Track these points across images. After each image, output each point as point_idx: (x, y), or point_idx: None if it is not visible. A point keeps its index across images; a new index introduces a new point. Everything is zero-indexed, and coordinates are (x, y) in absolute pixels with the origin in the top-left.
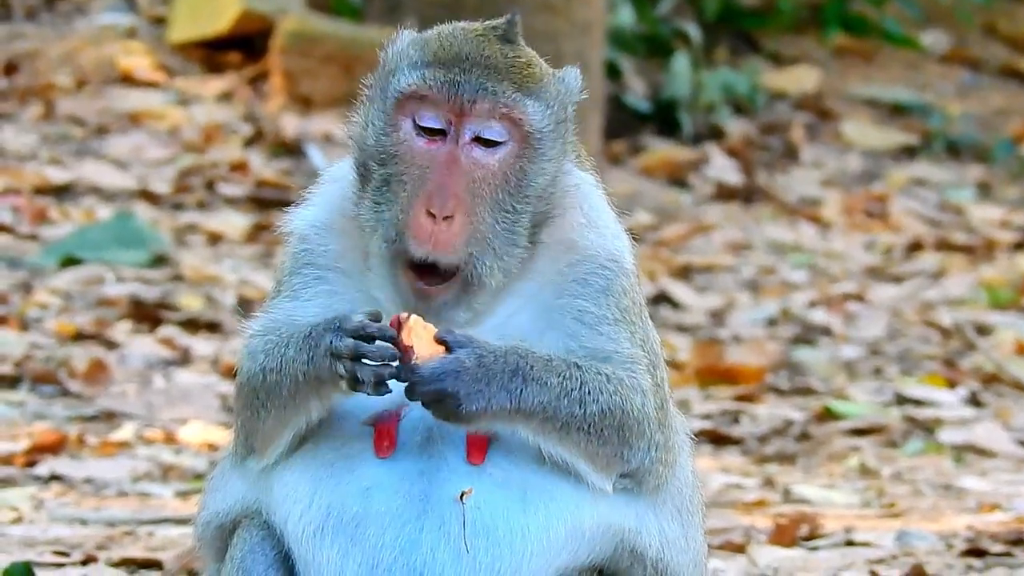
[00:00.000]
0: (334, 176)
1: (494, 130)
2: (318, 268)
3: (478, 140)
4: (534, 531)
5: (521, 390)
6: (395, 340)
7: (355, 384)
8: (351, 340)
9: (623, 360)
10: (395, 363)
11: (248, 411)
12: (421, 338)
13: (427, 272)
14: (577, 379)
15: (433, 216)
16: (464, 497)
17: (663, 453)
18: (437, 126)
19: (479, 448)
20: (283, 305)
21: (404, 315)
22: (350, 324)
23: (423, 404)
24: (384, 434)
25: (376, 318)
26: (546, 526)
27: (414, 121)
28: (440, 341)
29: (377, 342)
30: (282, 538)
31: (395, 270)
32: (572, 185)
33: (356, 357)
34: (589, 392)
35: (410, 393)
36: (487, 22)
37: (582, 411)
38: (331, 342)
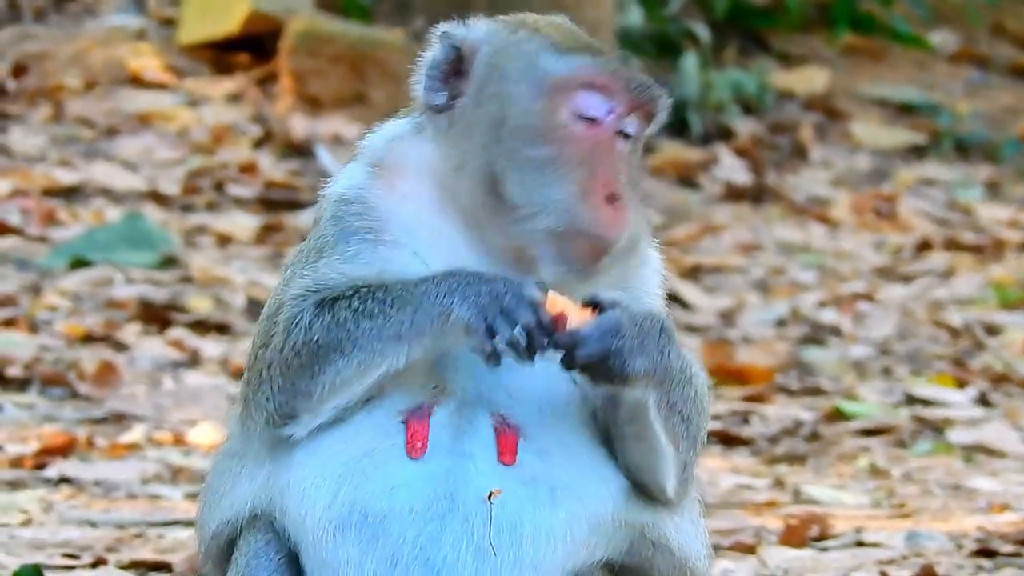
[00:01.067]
0: (383, 138)
1: (634, 123)
2: (368, 231)
3: (619, 133)
4: (559, 528)
5: (668, 351)
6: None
7: (497, 350)
8: (531, 314)
9: (691, 359)
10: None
11: (312, 367)
12: (564, 306)
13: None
14: (686, 359)
15: (613, 201)
16: (492, 497)
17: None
18: (600, 114)
19: (510, 447)
20: (336, 266)
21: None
22: (532, 298)
23: (582, 370)
24: (417, 434)
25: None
26: (570, 523)
27: (575, 106)
28: (590, 304)
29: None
30: (290, 539)
31: (554, 242)
32: None
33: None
34: (694, 373)
35: (568, 361)
36: (555, 19)
37: (691, 391)
38: (509, 303)
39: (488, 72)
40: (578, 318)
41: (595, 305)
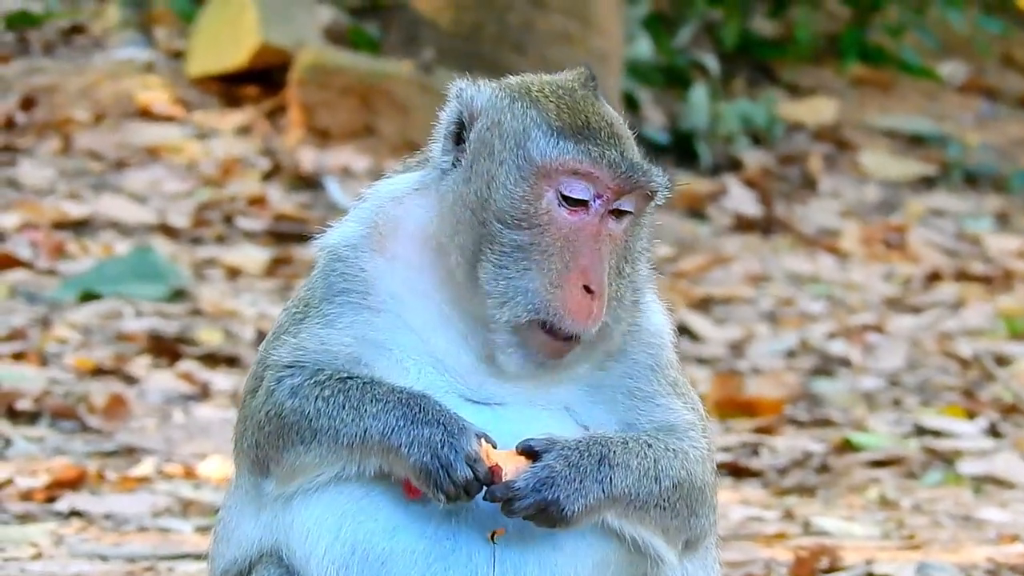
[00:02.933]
0: (384, 193)
1: (629, 202)
2: (353, 292)
3: (613, 211)
4: (563, 568)
5: (611, 478)
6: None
7: (439, 490)
8: (468, 469)
9: (684, 430)
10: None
11: (278, 441)
12: (498, 455)
13: (558, 335)
14: (651, 457)
15: (589, 291)
16: (495, 537)
17: (716, 515)
18: (586, 198)
19: None
20: (314, 332)
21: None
22: (470, 453)
23: (524, 518)
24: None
25: (480, 436)
26: (574, 563)
27: (559, 192)
28: (524, 452)
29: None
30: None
31: (518, 333)
32: None
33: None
34: (662, 468)
35: (507, 510)
36: (571, 77)
37: (658, 488)
38: (447, 456)
39: (480, 147)
40: (512, 467)
41: (529, 453)
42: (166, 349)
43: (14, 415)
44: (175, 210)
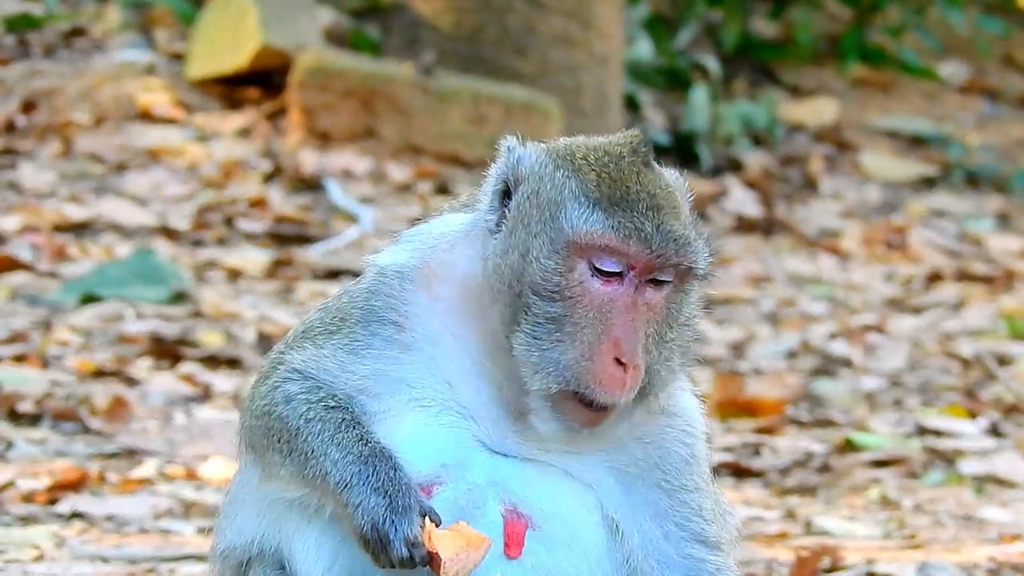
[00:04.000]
0: (436, 232)
1: (668, 273)
2: (388, 323)
3: (650, 281)
4: None
5: None
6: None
7: (376, 560)
8: (405, 550)
9: (714, 545)
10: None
11: (264, 441)
12: (441, 537)
13: (591, 405)
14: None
15: (622, 364)
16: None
17: None
18: (618, 270)
19: (517, 539)
20: (338, 354)
21: (423, 522)
22: (408, 537)
23: None
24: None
25: (424, 513)
26: None
27: (591, 264)
28: None
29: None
30: None
31: (551, 400)
32: None
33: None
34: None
35: None
36: (621, 143)
37: None
38: (385, 533)
39: (519, 216)
40: (454, 552)
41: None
42: (167, 351)
43: (15, 417)
44: (176, 212)
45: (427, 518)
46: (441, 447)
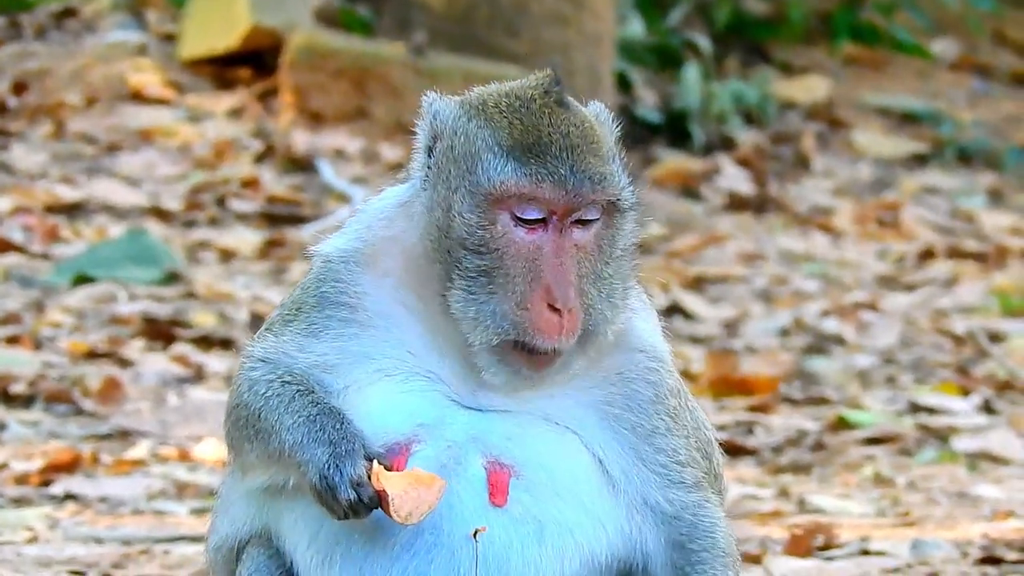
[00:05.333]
0: (375, 209)
1: (593, 210)
2: (342, 306)
3: (576, 222)
4: (548, 564)
5: None
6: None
7: (329, 509)
8: (352, 492)
9: (692, 485)
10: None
11: (237, 433)
12: (391, 478)
13: (537, 353)
14: None
15: (557, 310)
16: (477, 535)
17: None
18: (541, 217)
19: (502, 489)
20: (297, 339)
21: (371, 464)
22: (353, 477)
23: None
24: (394, 469)
25: (372, 458)
26: (561, 559)
27: (513, 214)
28: None
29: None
30: (289, 561)
31: (496, 353)
32: None
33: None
34: None
35: None
36: (533, 86)
37: None
38: (332, 478)
39: (438, 173)
40: (402, 491)
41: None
42: (160, 332)
43: (8, 399)
44: (168, 193)
45: (375, 461)
46: (416, 409)
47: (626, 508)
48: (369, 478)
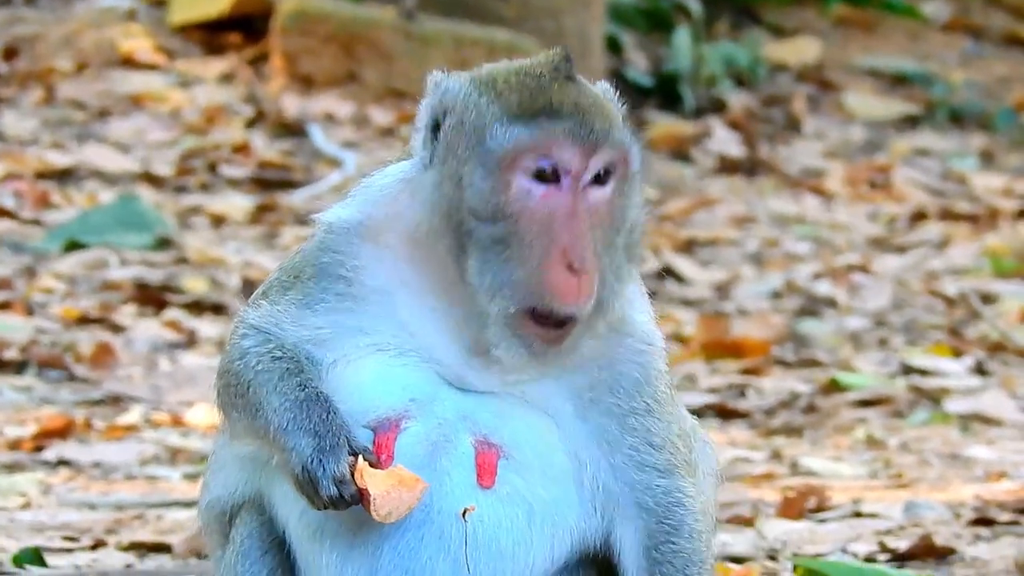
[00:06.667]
0: (379, 184)
1: (605, 170)
2: (339, 279)
3: (589, 185)
4: (538, 544)
5: None
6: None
7: (310, 501)
8: (334, 488)
9: (665, 471)
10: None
11: (226, 399)
12: (374, 475)
13: (550, 321)
14: None
15: (574, 271)
16: (466, 514)
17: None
18: (553, 177)
19: (490, 470)
20: (292, 309)
21: (356, 459)
22: (335, 474)
23: None
24: (382, 446)
25: (356, 452)
26: (551, 539)
27: (527, 176)
28: None
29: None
30: (283, 529)
31: (511, 326)
32: None
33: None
34: None
35: None
36: (543, 62)
37: None
38: (314, 472)
39: (447, 147)
40: (384, 490)
41: None
42: (152, 297)
43: (1, 365)
44: (159, 158)
45: (360, 457)
46: (407, 384)
47: (594, 496)
48: (353, 474)
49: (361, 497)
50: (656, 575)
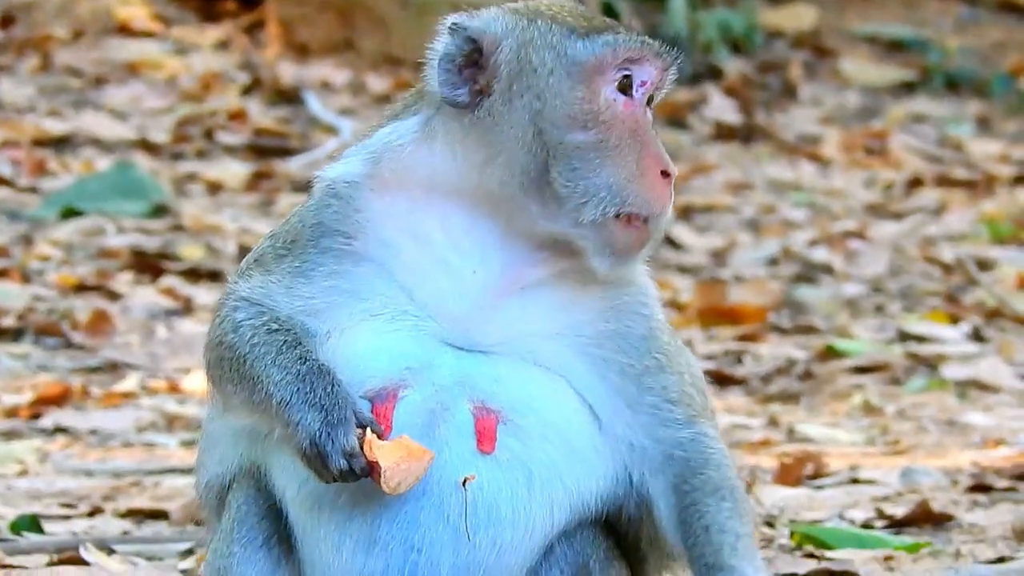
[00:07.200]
0: (383, 140)
1: (662, 88)
2: (339, 235)
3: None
4: (538, 510)
5: None
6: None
7: (319, 475)
8: (344, 462)
9: (686, 423)
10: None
11: (219, 373)
12: (383, 447)
13: (639, 223)
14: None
15: (666, 176)
16: (466, 483)
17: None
18: (637, 90)
19: (489, 435)
20: (286, 279)
21: (364, 432)
22: (345, 447)
23: None
24: (380, 417)
25: (363, 425)
26: (550, 504)
27: (612, 86)
28: None
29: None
30: (278, 498)
31: (600, 233)
32: None
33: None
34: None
35: None
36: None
37: None
38: (324, 446)
39: (518, 66)
40: (394, 462)
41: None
42: (148, 265)
43: None
44: (155, 126)
45: (367, 429)
46: (403, 352)
47: (617, 452)
48: (361, 447)
49: (370, 470)
50: (690, 509)
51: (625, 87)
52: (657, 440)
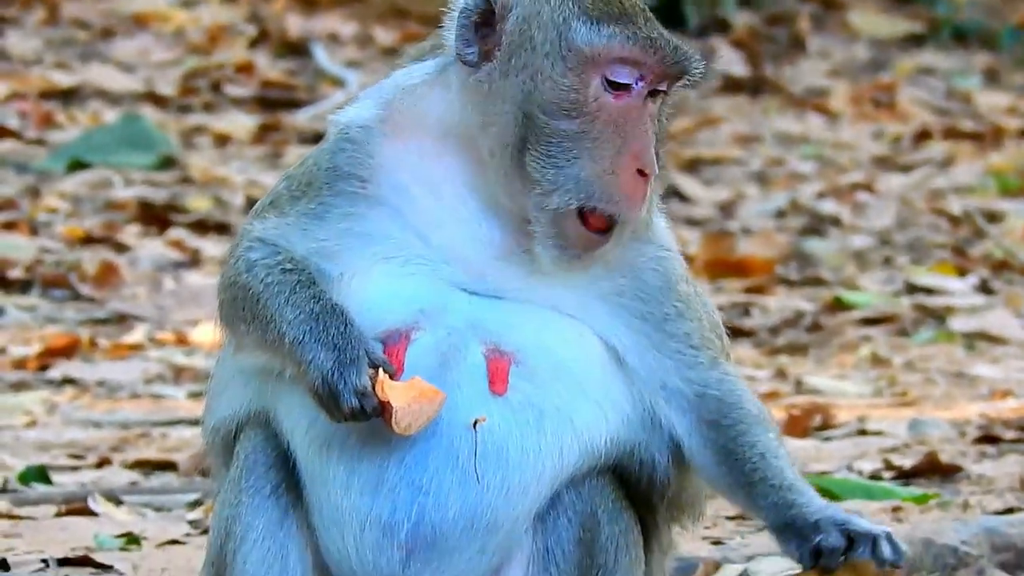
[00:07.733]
0: (398, 83)
1: (667, 83)
2: (354, 179)
3: (650, 94)
4: (547, 452)
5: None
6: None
7: (330, 414)
8: (355, 400)
9: (709, 366)
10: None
11: (232, 312)
12: (395, 387)
13: (599, 224)
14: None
15: (643, 176)
16: (477, 425)
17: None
18: (629, 82)
19: (502, 376)
20: (301, 220)
21: (376, 372)
22: (358, 386)
23: None
24: (392, 358)
25: (376, 365)
26: (559, 447)
27: (605, 77)
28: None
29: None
30: (287, 444)
31: (558, 224)
32: None
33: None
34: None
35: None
36: None
37: None
38: (336, 385)
39: (519, 40)
40: (406, 402)
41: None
42: (156, 217)
43: (6, 284)
44: (162, 78)
45: (379, 370)
46: (416, 294)
47: (645, 396)
48: (373, 387)
49: (382, 410)
50: (738, 440)
51: (622, 82)
52: (688, 380)
